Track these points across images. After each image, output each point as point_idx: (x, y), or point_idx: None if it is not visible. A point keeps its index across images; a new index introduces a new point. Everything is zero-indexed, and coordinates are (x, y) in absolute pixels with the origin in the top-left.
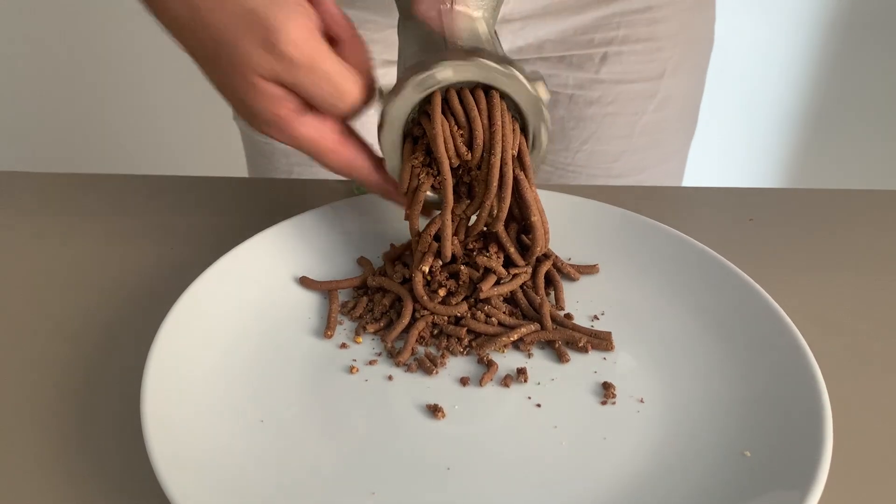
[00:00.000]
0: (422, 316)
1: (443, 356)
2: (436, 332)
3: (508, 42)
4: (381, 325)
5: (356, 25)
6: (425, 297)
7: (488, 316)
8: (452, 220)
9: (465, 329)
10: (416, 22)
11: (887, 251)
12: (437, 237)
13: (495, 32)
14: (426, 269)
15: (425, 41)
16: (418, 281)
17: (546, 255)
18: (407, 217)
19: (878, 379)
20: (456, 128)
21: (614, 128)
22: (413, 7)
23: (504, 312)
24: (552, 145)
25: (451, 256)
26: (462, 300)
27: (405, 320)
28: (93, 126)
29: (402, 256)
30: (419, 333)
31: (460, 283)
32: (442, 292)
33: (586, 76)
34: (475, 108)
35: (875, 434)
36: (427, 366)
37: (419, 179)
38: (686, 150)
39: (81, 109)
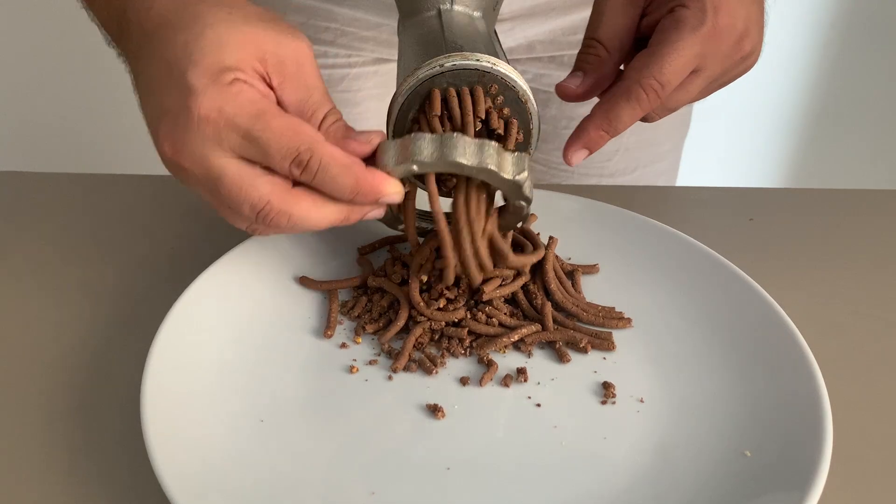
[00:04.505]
0: (419, 322)
1: (442, 356)
2: (436, 336)
3: (502, 43)
4: (380, 325)
5: (348, 23)
6: (422, 304)
7: (489, 317)
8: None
9: (466, 330)
10: (416, 21)
11: (887, 251)
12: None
13: (495, 32)
14: (425, 277)
15: (425, 41)
16: (414, 288)
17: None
18: (403, 230)
19: (878, 379)
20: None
21: None
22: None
23: (505, 313)
24: (545, 145)
25: (453, 279)
26: (462, 305)
27: (401, 322)
28: (93, 126)
29: (400, 257)
30: (417, 339)
31: (460, 290)
32: (442, 302)
33: None
34: (470, 112)
35: (875, 434)
36: (427, 366)
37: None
38: (679, 150)
39: (82, 109)
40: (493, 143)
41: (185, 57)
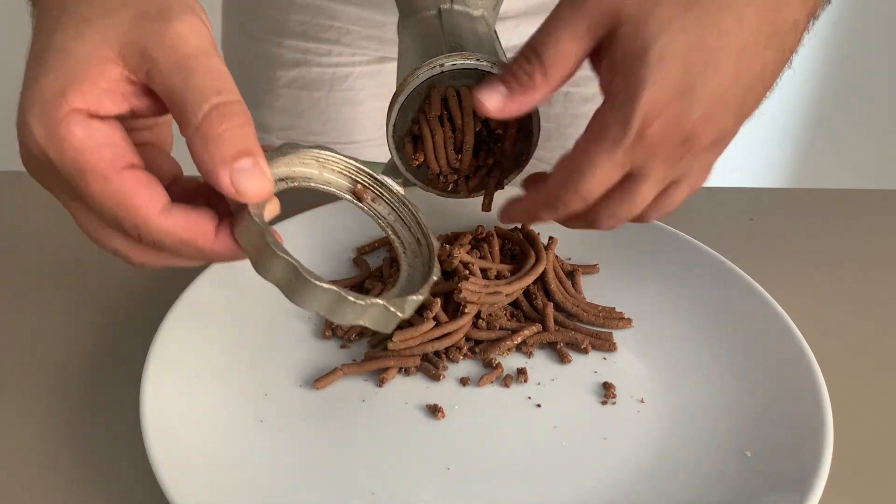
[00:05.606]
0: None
1: (441, 360)
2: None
3: (504, 41)
4: None
5: (352, 21)
6: (413, 314)
7: (489, 323)
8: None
9: (463, 339)
10: (416, 21)
11: (887, 251)
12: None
13: (495, 32)
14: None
15: (425, 41)
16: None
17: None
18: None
19: (878, 379)
20: (451, 133)
21: None
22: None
23: (505, 315)
24: (549, 143)
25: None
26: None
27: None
28: None
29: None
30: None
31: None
32: (429, 326)
33: (581, 73)
34: (470, 112)
35: (875, 434)
36: (432, 372)
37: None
38: None
39: None
40: (373, 304)
41: (33, 66)
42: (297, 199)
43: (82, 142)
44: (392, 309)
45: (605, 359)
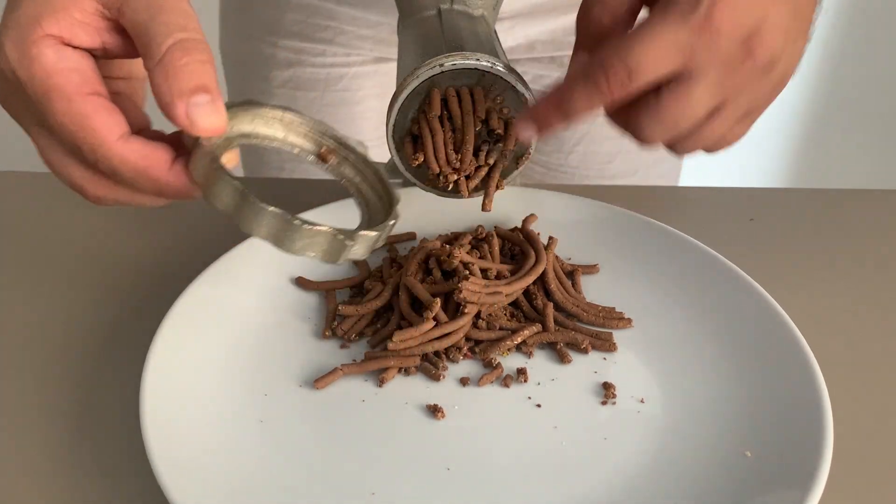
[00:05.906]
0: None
1: (441, 360)
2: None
3: (501, 41)
4: (379, 325)
5: (347, 21)
6: (413, 315)
7: (489, 323)
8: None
9: (463, 339)
10: (416, 21)
11: (887, 251)
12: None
13: (495, 32)
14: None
15: (425, 41)
16: (404, 300)
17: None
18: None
19: (878, 379)
20: (450, 133)
21: (606, 128)
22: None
23: (505, 315)
24: (545, 146)
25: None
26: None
27: (390, 327)
28: None
29: (396, 258)
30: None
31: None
32: (429, 325)
33: None
34: (470, 112)
35: (875, 434)
36: (432, 372)
37: None
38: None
39: None
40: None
41: None
42: (297, 198)
43: (52, 63)
44: (341, 237)
45: (604, 359)
